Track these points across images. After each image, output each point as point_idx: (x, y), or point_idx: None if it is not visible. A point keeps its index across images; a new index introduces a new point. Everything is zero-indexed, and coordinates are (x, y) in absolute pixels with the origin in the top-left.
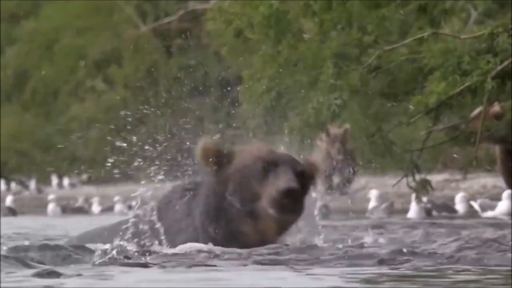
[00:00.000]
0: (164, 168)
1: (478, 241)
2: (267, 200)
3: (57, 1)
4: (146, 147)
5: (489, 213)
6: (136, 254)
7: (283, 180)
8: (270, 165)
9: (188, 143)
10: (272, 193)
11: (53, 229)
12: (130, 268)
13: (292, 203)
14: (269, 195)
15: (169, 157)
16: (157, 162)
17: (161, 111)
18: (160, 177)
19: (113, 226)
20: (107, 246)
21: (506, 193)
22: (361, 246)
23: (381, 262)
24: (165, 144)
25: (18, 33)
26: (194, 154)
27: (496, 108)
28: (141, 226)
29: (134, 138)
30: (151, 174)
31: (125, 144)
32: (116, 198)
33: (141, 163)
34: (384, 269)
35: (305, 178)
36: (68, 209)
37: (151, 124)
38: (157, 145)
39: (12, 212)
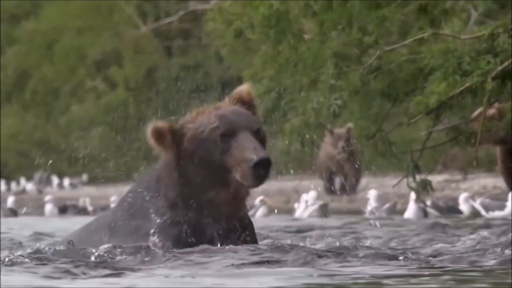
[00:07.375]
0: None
1: (479, 241)
2: (241, 174)
3: (57, 1)
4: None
5: (496, 214)
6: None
7: (251, 152)
8: (228, 135)
9: None
10: (244, 168)
11: (48, 229)
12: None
13: (266, 170)
14: (241, 170)
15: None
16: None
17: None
18: None
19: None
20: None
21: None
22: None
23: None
24: None
25: (18, 33)
26: (147, 139)
27: (491, 110)
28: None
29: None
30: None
31: (125, 145)
32: (113, 198)
33: (141, 163)
34: (384, 269)
35: (262, 132)
36: (66, 209)
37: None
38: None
39: (13, 213)
